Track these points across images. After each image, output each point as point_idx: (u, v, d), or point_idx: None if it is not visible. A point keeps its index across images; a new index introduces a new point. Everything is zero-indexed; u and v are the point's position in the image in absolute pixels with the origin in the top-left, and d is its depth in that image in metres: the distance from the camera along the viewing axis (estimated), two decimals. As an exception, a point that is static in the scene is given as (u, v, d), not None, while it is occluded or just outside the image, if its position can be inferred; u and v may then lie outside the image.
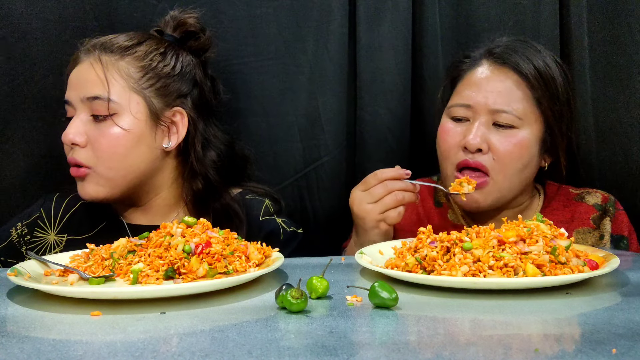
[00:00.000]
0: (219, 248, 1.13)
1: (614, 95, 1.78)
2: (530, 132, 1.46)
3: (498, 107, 1.44)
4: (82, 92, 1.43)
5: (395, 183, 1.40)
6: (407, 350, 0.81)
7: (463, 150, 1.46)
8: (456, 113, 1.49)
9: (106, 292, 1.01)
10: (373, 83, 1.80)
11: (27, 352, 0.81)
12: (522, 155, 1.45)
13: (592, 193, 1.60)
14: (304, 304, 0.95)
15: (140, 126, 1.44)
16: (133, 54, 1.46)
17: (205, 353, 0.80)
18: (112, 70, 1.44)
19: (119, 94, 1.43)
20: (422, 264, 1.12)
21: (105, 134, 1.42)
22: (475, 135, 1.43)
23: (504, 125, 1.45)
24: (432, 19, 1.81)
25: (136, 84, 1.44)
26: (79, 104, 1.44)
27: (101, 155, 1.42)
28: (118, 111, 1.42)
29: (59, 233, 1.55)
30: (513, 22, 1.82)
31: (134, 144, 1.44)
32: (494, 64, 1.49)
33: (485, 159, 1.44)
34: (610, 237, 1.55)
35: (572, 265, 1.09)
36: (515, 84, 1.46)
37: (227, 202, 1.52)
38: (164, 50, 1.50)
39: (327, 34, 1.78)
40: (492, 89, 1.46)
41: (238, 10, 1.74)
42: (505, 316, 0.96)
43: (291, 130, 1.81)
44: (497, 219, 1.54)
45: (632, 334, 0.85)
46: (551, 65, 1.48)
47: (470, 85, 1.49)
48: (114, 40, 1.47)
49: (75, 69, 1.47)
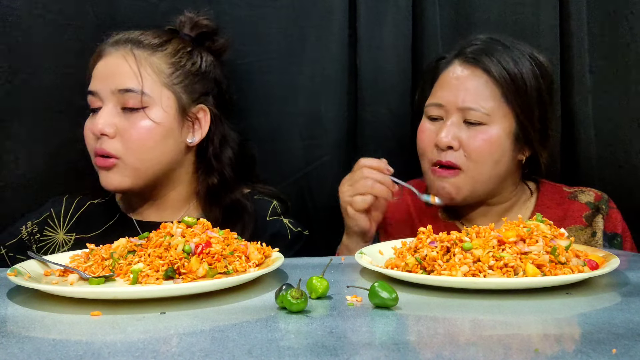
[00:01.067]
0: (219, 248, 1.13)
1: (614, 95, 1.78)
2: (500, 128, 1.50)
3: (467, 105, 1.49)
4: (113, 84, 1.46)
5: (373, 172, 1.44)
6: (407, 350, 0.81)
7: (436, 148, 1.51)
8: (431, 112, 1.55)
9: (106, 292, 1.01)
10: (374, 83, 1.81)
11: (27, 352, 0.81)
12: (492, 151, 1.49)
13: (586, 191, 1.63)
14: (304, 304, 0.95)
15: (169, 120, 1.48)
16: (164, 51, 1.50)
17: (205, 353, 0.80)
18: (145, 64, 1.48)
19: (151, 88, 1.47)
20: (422, 264, 1.12)
21: (136, 126, 1.45)
22: (447, 134, 1.49)
23: (474, 122, 1.49)
24: (432, 19, 1.81)
25: (167, 79, 1.49)
26: (108, 95, 1.46)
27: (131, 146, 1.45)
28: (150, 104, 1.46)
29: (68, 232, 1.57)
30: (513, 22, 1.82)
31: (162, 137, 1.48)
32: (463, 64, 1.54)
33: (457, 155, 1.50)
34: (604, 234, 1.57)
35: (572, 265, 1.09)
36: (483, 82, 1.50)
37: (238, 198, 1.55)
38: (190, 49, 1.55)
39: (328, 34, 1.79)
40: (462, 87, 1.51)
41: (240, 10, 1.74)
42: (505, 316, 0.96)
43: (292, 130, 1.81)
44: (484, 213, 1.61)
45: (632, 334, 0.85)
46: (520, 61, 1.51)
47: (442, 85, 1.55)
48: (143, 37, 1.51)
49: (102, 60, 1.50)
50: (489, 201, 1.60)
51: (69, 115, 1.68)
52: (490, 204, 1.60)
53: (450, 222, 1.63)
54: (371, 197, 1.44)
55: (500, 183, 1.56)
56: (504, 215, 1.59)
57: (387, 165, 1.45)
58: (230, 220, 1.46)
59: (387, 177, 1.44)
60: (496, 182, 1.54)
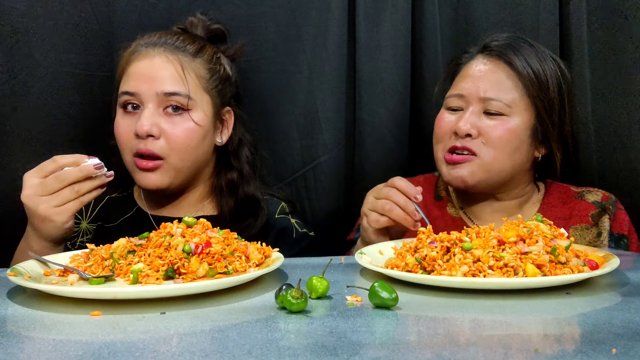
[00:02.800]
0: (219, 248, 1.13)
1: (614, 95, 1.78)
2: (520, 120, 1.51)
3: (488, 96, 1.51)
4: (156, 87, 1.49)
5: (398, 195, 1.38)
6: (407, 350, 0.81)
7: (455, 136, 1.52)
8: (451, 103, 1.56)
9: (106, 292, 1.01)
10: (372, 82, 1.80)
11: (27, 352, 0.81)
12: (511, 140, 1.51)
13: (593, 192, 1.64)
14: (304, 304, 0.95)
15: (208, 122, 1.54)
16: (202, 57, 1.56)
17: (205, 353, 0.80)
18: (189, 69, 1.52)
19: (195, 92, 1.52)
20: (422, 264, 1.12)
21: (182, 127, 1.50)
22: (466, 122, 1.50)
23: (494, 112, 1.51)
24: (432, 19, 1.81)
25: (206, 84, 1.55)
26: (151, 97, 1.49)
27: (175, 147, 1.49)
28: (193, 107, 1.51)
29: (91, 222, 1.62)
30: (513, 22, 1.82)
31: (202, 138, 1.53)
32: (487, 57, 1.57)
33: (475, 143, 1.50)
34: (611, 235, 1.57)
35: (572, 265, 1.10)
36: (506, 74, 1.53)
37: (253, 193, 1.60)
38: (219, 55, 1.61)
39: (325, 33, 1.78)
40: (484, 79, 1.53)
41: (237, 9, 1.74)
42: (505, 316, 0.96)
43: (290, 130, 1.81)
44: (493, 209, 1.60)
45: (632, 334, 0.85)
46: (543, 58, 1.54)
47: (464, 77, 1.57)
48: (180, 41, 1.55)
49: (141, 62, 1.51)
50: (499, 196, 1.60)
51: (69, 114, 1.68)
52: (500, 199, 1.60)
53: (458, 217, 1.64)
54: (386, 220, 1.39)
55: (514, 177, 1.56)
56: (513, 212, 1.60)
57: (418, 193, 1.38)
58: (244, 212, 1.52)
59: (410, 203, 1.36)
60: (510, 174, 1.55)
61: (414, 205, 1.37)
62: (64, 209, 1.32)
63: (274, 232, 1.57)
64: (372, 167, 1.82)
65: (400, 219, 1.36)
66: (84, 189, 1.32)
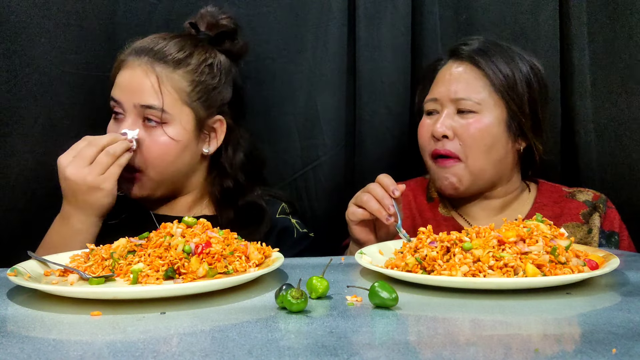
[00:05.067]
0: (219, 248, 1.13)
1: (614, 95, 1.79)
2: (491, 116, 1.56)
3: (458, 96, 1.57)
4: (135, 99, 1.48)
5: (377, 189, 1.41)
6: (407, 350, 0.81)
7: (433, 138, 1.58)
8: (428, 108, 1.63)
9: (106, 292, 1.01)
10: (372, 82, 1.80)
11: (27, 352, 0.81)
12: (485, 137, 1.55)
13: (584, 192, 1.67)
14: (304, 304, 0.95)
15: (187, 136, 1.51)
16: (186, 67, 1.51)
17: (205, 353, 0.80)
18: (167, 82, 1.49)
19: (172, 106, 1.49)
20: (422, 264, 1.12)
21: (156, 142, 1.48)
22: (441, 124, 1.56)
23: (466, 111, 1.56)
24: (432, 19, 1.81)
25: (187, 97, 1.51)
26: (130, 108, 1.49)
27: (150, 160, 1.49)
28: (169, 121, 1.49)
29: None
30: (513, 22, 1.83)
31: (180, 152, 1.51)
32: (456, 61, 1.62)
33: (453, 144, 1.56)
34: (601, 232, 1.60)
35: (572, 265, 1.10)
36: (474, 75, 1.58)
37: (253, 200, 1.59)
38: (211, 62, 1.55)
39: (326, 33, 1.78)
40: (454, 81, 1.59)
41: (238, 9, 1.74)
42: (505, 316, 0.96)
43: (290, 130, 1.81)
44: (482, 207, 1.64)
45: (632, 334, 0.85)
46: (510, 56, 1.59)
47: (437, 82, 1.63)
48: (166, 49, 1.51)
49: (125, 72, 1.51)
50: (488, 194, 1.64)
51: (69, 114, 1.68)
52: (489, 197, 1.64)
53: (449, 216, 1.67)
54: (362, 211, 1.42)
55: (499, 172, 1.60)
56: (503, 210, 1.65)
57: (396, 188, 1.40)
58: (246, 220, 1.51)
59: (386, 197, 1.40)
60: (494, 171, 1.59)
61: (392, 201, 1.40)
62: (107, 175, 1.39)
63: (275, 233, 1.57)
64: (372, 167, 1.82)
65: (374, 210, 1.40)
66: (118, 151, 1.39)
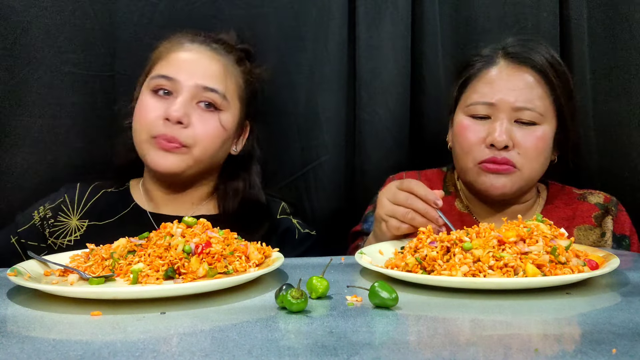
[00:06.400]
0: (219, 248, 1.13)
1: (614, 95, 1.79)
2: (548, 127, 1.51)
3: (521, 105, 1.48)
4: (197, 79, 1.50)
5: (418, 202, 1.34)
6: (407, 350, 0.81)
7: (488, 147, 1.49)
8: (476, 111, 1.52)
9: (106, 292, 1.01)
10: (372, 83, 1.80)
11: (27, 352, 0.80)
12: (544, 148, 1.51)
13: (595, 194, 1.64)
14: (304, 304, 0.95)
15: (233, 129, 1.57)
16: (244, 66, 1.60)
17: (205, 353, 0.80)
18: (230, 73, 1.56)
19: (231, 95, 1.55)
20: (422, 264, 1.12)
21: (210, 124, 1.51)
22: (501, 133, 1.47)
23: (526, 122, 1.49)
24: (432, 19, 1.81)
25: (242, 92, 1.58)
26: (189, 87, 1.50)
27: (201, 140, 1.50)
28: (225, 109, 1.53)
29: (81, 218, 1.58)
30: (513, 21, 1.83)
31: (225, 141, 1.56)
32: (511, 63, 1.53)
33: (512, 154, 1.49)
34: (613, 236, 1.58)
35: (572, 265, 1.09)
36: (535, 81, 1.51)
37: (257, 198, 1.61)
38: (258, 71, 1.65)
39: (326, 33, 1.78)
40: (514, 87, 1.50)
41: (238, 9, 1.74)
42: (505, 316, 0.96)
43: (290, 130, 1.81)
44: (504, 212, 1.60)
45: (632, 334, 0.85)
46: (561, 62, 1.55)
47: (489, 83, 1.52)
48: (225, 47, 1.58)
49: (186, 53, 1.54)
50: (512, 200, 1.59)
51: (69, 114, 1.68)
52: (511, 203, 1.60)
53: (466, 212, 1.64)
54: (407, 227, 1.34)
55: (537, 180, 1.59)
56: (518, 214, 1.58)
57: (438, 199, 1.34)
58: (248, 217, 1.53)
59: (430, 210, 1.33)
60: (536, 181, 1.57)
61: (436, 212, 1.33)
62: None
63: (277, 234, 1.57)
64: (372, 167, 1.82)
65: (422, 226, 1.29)
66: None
